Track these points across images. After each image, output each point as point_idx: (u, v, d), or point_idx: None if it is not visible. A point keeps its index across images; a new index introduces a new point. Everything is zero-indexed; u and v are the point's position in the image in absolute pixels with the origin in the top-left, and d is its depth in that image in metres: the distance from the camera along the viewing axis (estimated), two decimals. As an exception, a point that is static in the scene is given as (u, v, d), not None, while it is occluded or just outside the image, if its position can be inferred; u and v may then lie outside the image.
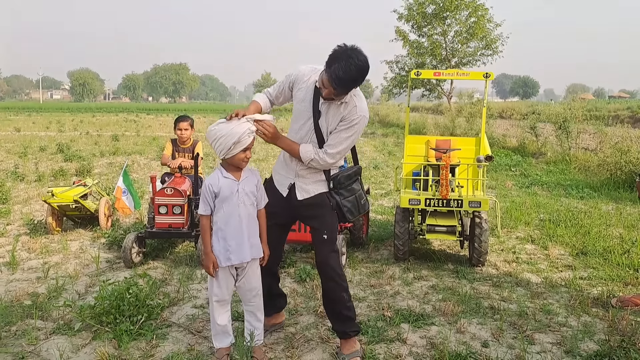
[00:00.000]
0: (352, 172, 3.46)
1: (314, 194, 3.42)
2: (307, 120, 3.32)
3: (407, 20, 27.59)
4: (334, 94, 3.12)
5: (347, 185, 3.43)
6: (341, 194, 3.41)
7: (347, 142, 3.28)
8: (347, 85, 3.04)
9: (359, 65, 2.98)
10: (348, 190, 3.44)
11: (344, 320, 3.49)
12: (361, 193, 3.52)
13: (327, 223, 3.44)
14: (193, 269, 5.24)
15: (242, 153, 3.21)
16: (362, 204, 3.51)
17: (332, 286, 3.46)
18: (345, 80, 2.99)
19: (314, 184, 3.41)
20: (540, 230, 6.93)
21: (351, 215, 3.45)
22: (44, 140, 19.96)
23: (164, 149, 6.13)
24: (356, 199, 3.47)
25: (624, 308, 4.26)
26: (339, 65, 2.95)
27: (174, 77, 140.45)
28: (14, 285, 4.77)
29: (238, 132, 3.13)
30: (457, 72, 6.11)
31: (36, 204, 8.25)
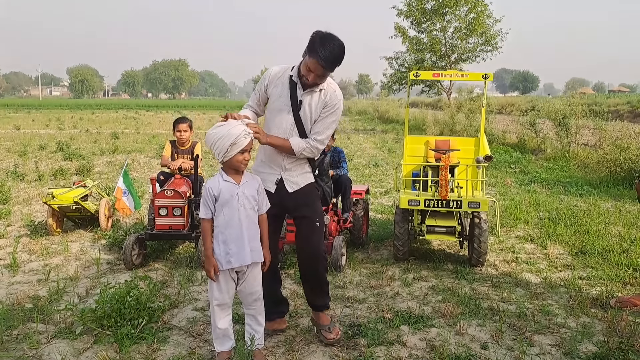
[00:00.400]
0: (327, 159, 3.96)
1: (303, 184, 3.62)
2: (287, 113, 3.52)
3: (407, 16, 27.50)
4: (320, 76, 3.36)
5: (327, 172, 3.92)
6: (323, 180, 3.90)
7: (332, 126, 3.55)
8: (334, 63, 3.32)
9: (340, 45, 3.31)
10: (327, 176, 3.96)
11: (324, 295, 3.82)
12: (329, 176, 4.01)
13: (318, 211, 3.71)
14: (193, 270, 5.26)
15: (240, 155, 3.23)
16: (332, 189, 4.05)
17: (320, 270, 3.72)
18: (332, 59, 3.29)
19: (301, 176, 3.61)
20: (539, 229, 6.95)
21: (329, 199, 4.03)
22: (44, 139, 19.95)
23: (164, 150, 6.14)
24: (332, 183, 4.04)
25: (622, 309, 4.28)
26: (324, 48, 3.25)
27: (173, 74, 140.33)
28: (15, 288, 4.79)
29: (234, 133, 3.17)
30: (456, 73, 6.12)
31: (36, 204, 8.27)
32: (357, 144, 19.41)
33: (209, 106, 70.80)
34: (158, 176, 6.08)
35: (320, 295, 3.82)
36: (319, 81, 3.41)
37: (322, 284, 3.79)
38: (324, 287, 3.81)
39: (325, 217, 5.18)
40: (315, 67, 3.31)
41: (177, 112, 51.82)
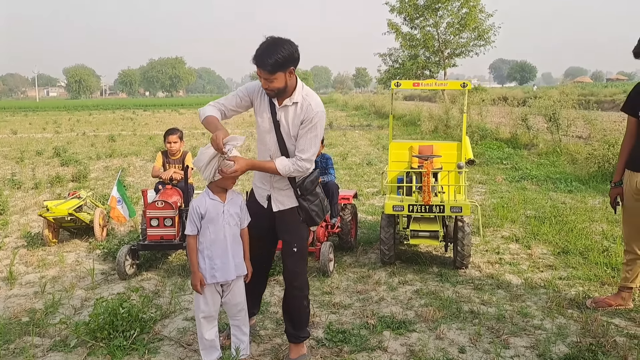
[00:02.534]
0: (314, 177, 3.58)
1: (288, 207, 3.61)
2: (270, 132, 3.51)
3: (399, 12, 27.60)
4: (266, 80, 3.27)
5: (312, 190, 3.58)
6: (308, 200, 3.57)
7: (315, 141, 3.44)
8: (263, 59, 3.20)
9: (268, 41, 3.25)
10: (313, 195, 3.59)
11: (301, 326, 3.73)
12: (323, 196, 3.71)
13: (297, 236, 3.65)
14: (185, 279, 5.42)
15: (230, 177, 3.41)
16: (325, 206, 3.69)
17: (297, 294, 3.68)
18: (259, 54, 3.22)
19: (288, 198, 3.58)
20: (525, 228, 7.10)
21: (319, 219, 3.64)
22: (41, 143, 20.10)
23: (155, 161, 6.28)
24: (321, 202, 3.65)
25: (597, 309, 4.43)
26: (256, 50, 3.25)
27: (170, 71, 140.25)
28: (12, 302, 4.95)
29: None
30: (435, 82, 6.26)
31: (33, 214, 8.41)
32: (353, 141, 19.54)
33: (206, 103, 70.60)
34: (156, 186, 6.24)
35: (292, 322, 3.72)
36: (271, 87, 3.29)
37: (296, 310, 3.70)
38: (295, 313, 3.70)
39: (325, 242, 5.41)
40: (258, 72, 3.26)
41: (174, 111, 51.97)
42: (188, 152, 6.33)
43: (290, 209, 3.61)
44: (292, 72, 3.33)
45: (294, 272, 3.65)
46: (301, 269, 3.68)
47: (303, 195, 3.55)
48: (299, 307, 3.71)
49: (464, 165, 5.66)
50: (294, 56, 3.28)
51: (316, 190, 3.62)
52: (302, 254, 3.67)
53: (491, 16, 26.74)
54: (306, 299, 3.73)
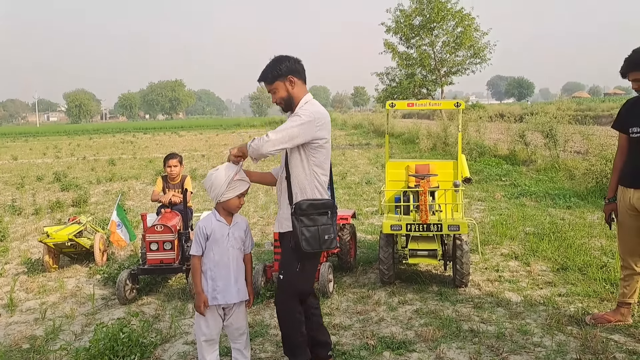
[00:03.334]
0: (319, 202, 3.45)
1: (284, 230, 3.55)
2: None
3: (395, 32, 27.94)
4: (268, 91, 3.57)
5: (310, 213, 3.39)
6: (301, 221, 3.37)
7: (287, 131, 3.33)
8: (264, 73, 3.53)
9: (271, 60, 3.54)
10: (310, 219, 3.38)
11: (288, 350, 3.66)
12: (328, 228, 3.45)
13: (285, 263, 3.57)
14: (185, 302, 5.43)
15: (237, 199, 3.48)
16: (325, 239, 3.42)
17: (281, 320, 3.63)
18: (262, 72, 3.54)
19: (286, 219, 3.52)
20: (524, 245, 7.11)
21: (308, 246, 3.36)
22: (41, 169, 20.19)
23: (155, 186, 6.33)
24: (318, 231, 3.39)
25: (597, 325, 4.44)
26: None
27: (170, 94, 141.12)
28: (12, 329, 4.95)
29: (229, 170, 3.45)
30: (429, 102, 6.34)
31: (33, 240, 8.44)
32: (352, 160, 19.63)
33: (206, 125, 71.25)
34: (158, 210, 6.29)
35: (285, 347, 3.68)
36: (276, 97, 3.54)
37: (285, 336, 3.63)
38: (286, 341, 3.64)
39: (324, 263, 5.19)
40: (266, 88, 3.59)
41: (174, 133, 52.23)
42: (187, 175, 6.39)
43: (287, 232, 3.54)
44: (293, 82, 3.49)
45: (276, 300, 3.64)
46: (281, 301, 3.57)
47: (296, 214, 3.40)
48: (284, 333, 3.64)
49: (461, 183, 5.70)
50: (292, 66, 3.49)
51: (316, 217, 3.41)
52: (286, 286, 3.53)
53: (486, 34, 27.07)
54: (287, 338, 3.62)
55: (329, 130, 3.55)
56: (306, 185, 3.46)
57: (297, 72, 3.51)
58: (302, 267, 3.49)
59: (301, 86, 3.55)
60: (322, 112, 3.51)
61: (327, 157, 3.57)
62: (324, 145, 3.49)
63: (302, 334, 3.59)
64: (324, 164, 3.53)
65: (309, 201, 3.41)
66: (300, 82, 3.54)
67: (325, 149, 3.51)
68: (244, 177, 3.49)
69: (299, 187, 3.45)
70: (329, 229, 3.47)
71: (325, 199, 3.52)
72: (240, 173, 3.47)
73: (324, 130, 3.47)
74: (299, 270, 3.49)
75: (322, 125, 3.45)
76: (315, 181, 3.49)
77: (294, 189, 3.46)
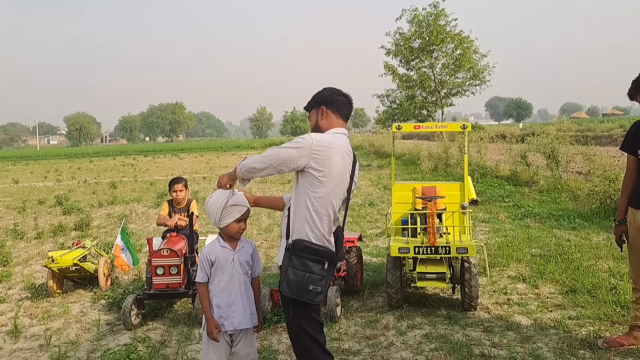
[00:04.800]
0: (316, 248, 3.10)
1: (280, 263, 3.27)
2: None
3: (395, 55, 28.22)
4: (308, 118, 3.54)
5: (303, 256, 3.07)
6: (291, 260, 3.08)
7: (277, 152, 3.12)
8: (307, 103, 3.49)
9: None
10: (301, 263, 3.06)
11: None
12: (318, 280, 3.08)
13: (282, 306, 3.34)
14: (191, 328, 5.36)
15: (236, 224, 3.45)
16: (309, 290, 3.05)
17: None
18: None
19: (282, 252, 3.29)
20: (531, 267, 7.06)
21: (287, 289, 3.07)
22: (42, 192, 20.17)
23: (161, 210, 6.31)
24: (305, 278, 3.05)
25: (610, 349, 4.38)
26: None
27: (170, 117, 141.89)
28: (17, 356, 4.89)
29: (223, 196, 3.40)
30: (436, 125, 6.36)
31: (37, 265, 8.39)
32: (353, 182, 19.57)
33: (206, 148, 71.46)
34: (164, 234, 6.26)
35: None
36: (310, 124, 3.48)
37: None
38: None
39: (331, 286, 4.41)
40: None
41: (174, 156, 52.34)
42: (193, 199, 6.37)
43: (281, 266, 3.26)
44: (325, 113, 3.35)
45: (294, 347, 3.36)
46: (297, 346, 3.28)
47: (289, 250, 3.13)
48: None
49: (468, 205, 5.69)
50: (329, 97, 3.39)
51: (308, 263, 3.06)
52: (293, 330, 3.26)
53: (485, 56, 27.32)
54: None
55: (337, 167, 3.17)
56: (302, 222, 3.14)
57: (332, 104, 3.35)
58: (295, 312, 3.18)
59: (334, 119, 3.36)
60: (335, 143, 3.19)
61: (330, 195, 3.16)
62: (320, 180, 3.11)
63: None
64: (323, 202, 3.14)
65: (305, 242, 3.09)
66: (333, 115, 3.36)
67: (323, 183, 3.12)
68: (238, 202, 3.40)
69: (295, 222, 3.17)
70: (319, 280, 3.08)
71: (324, 247, 3.13)
72: (235, 197, 3.39)
73: (320, 161, 3.10)
74: (294, 315, 3.19)
75: (320, 154, 3.10)
76: (310, 220, 3.12)
77: (291, 222, 3.20)
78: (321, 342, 3.23)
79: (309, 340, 3.18)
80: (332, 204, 3.18)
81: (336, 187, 3.19)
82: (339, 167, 3.19)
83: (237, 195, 3.44)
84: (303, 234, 3.13)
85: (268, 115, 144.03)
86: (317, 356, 3.20)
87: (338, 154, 3.18)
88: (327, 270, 3.13)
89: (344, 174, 3.23)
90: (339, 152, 3.20)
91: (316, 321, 3.24)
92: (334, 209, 3.20)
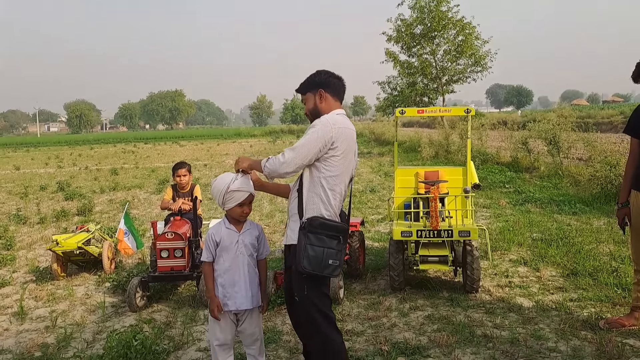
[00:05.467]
0: (332, 224, 3.21)
1: (290, 243, 3.34)
2: None
3: (397, 41, 28.08)
4: (302, 100, 3.53)
5: (320, 233, 3.16)
6: (308, 238, 3.15)
7: (304, 147, 3.18)
8: (301, 84, 3.51)
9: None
10: (318, 239, 3.14)
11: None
12: (335, 254, 3.18)
13: (294, 284, 3.31)
14: (196, 310, 5.41)
15: (239, 208, 3.47)
16: (328, 264, 3.15)
17: (310, 345, 3.41)
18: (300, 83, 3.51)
19: (293, 232, 3.31)
20: (532, 251, 7.10)
21: (308, 266, 3.11)
22: (44, 178, 20.20)
23: (164, 194, 6.34)
24: (324, 253, 3.14)
25: (611, 330, 4.42)
26: None
27: (170, 104, 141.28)
28: (23, 337, 4.94)
29: (225, 180, 3.43)
30: (439, 109, 6.36)
31: (40, 249, 8.43)
32: (354, 169, 19.60)
33: (206, 135, 71.34)
34: (167, 218, 6.29)
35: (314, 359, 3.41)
36: (306, 108, 3.49)
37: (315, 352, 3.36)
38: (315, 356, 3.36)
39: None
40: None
41: (175, 143, 52.32)
42: (196, 184, 6.40)
43: (290, 246, 3.34)
44: (323, 96, 3.40)
45: (296, 322, 3.45)
46: (304, 323, 3.34)
47: (304, 229, 3.18)
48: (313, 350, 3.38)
49: (470, 189, 5.71)
50: (326, 80, 3.43)
51: (324, 239, 3.16)
52: (305, 308, 3.27)
53: (487, 43, 27.17)
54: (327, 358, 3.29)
55: (348, 145, 3.30)
56: (317, 201, 3.24)
57: (329, 87, 3.41)
58: (309, 289, 3.23)
59: (332, 102, 3.42)
60: (344, 122, 3.33)
61: (342, 173, 3.30)
62: (336, 159, 3.24)
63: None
64: (337, 180, 3.27)
65: (321, 219, 3.19)
66: (331, 98, 3.41)
67: (339, 162, 3.25)
68: (241, 187, 3.40)
69: (309, 201, 3.25)
70: (336, 254, 3.19)
71: (339, 223, 3.27)
72: (237, 182, 3.41)
73: (338, 141, 3.22)
74: (308, 293, 3.23)
75: (337, 135, 3.22)
76: (325, 198, 3.25)
77: (304, 203, 3.27)
78: (332, 319, 3.32)
79: (321, 317, 3.26)
80: (345, 182, 3.35)
81: (348, 165, 3.36)
82: (351, 146, 3.36)
83: (240, 180, 3.43)
84: (317, 212, 3.23)
85: (268, 103, 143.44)
86: (329, 333, 3.28)
87: (350, 133, 3.35)
88: (342, 245, 3.25)
89: (354, 152, 3.42)
90: (350, 131, 3.36)
91: (327, 297, 3.34)
92: (345, 186, 3.37)
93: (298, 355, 4.30)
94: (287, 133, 67.75)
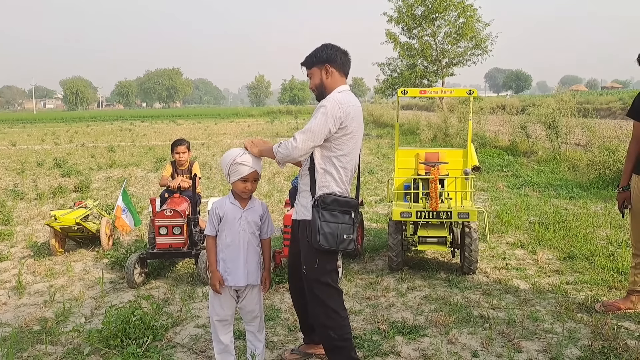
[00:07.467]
0: (344, 200, 3.30)
1: (301, 218, 3.43)
2: None
3: (397, 22, 27.87)
4: (307, 75, 3.54)
5: (333, 209, 3.24)
6: (322, 215, 3.23)
7: (314, 129, 3.22)
8: (306, 59, 3.52)
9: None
10: (332, 215, 3.24)
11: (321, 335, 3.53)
12: (348, 228, 3.28)
13: (305, 258, 3.39)
14: (194, 287, 5.43)
15: (242, 183, 3.46)
16: (343, 239, 3.25)
17: (317, 325, 3.51)
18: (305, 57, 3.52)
19: (305, 208, 3.39)
20: (529, 234, 7.14)
21: (325, 242, 3.20)
22: (41, 154, 20.11)
23: (164, 171, 6.32)
24: (338, 228, 3.24)
25: (607, 313, 4.46)
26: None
27: (167, 83, 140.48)
28: (22, 311, 4.95)
29: (233, 154, 3.44)
30: (441, 89, 6.34)
31: (38, 224, 8.42)
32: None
33: (203, 114, 71.00)
34: (162, 194, 6.27)
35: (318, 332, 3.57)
36: (311, 83, 3.49)
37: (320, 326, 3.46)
38: (321, 330, 3.47)
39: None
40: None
41: (172, 122, 52.07)
42: (195, 161, 6.37)
43: (301, 221, 3.43)
44: (330, 71, 3.42)
45: (310, 299, 3.44)
46: (315, 297, 3.38)
47: (318, 206, 3.25)
48: (324, 340, 3.50)
49: (471, 171, 5.71)
50: (332, 55, 3.42)
51: (338, 214, 3.25)
52: (313, 280, 3.35)
53: (488, 25, 27.01)
54: (331, 332, 3.37)
55: (357, 122, 3.37)
56: (328, 179, 3.32)
57: (336, 62, 3.41)
58: (320, 263, 3.33)
59: (338, 77, 3.44)
60: (350, 100, 3.36)
61: (353, 150, 3.39)
62: (347, 137, 3.31)
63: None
64: (348, 158, 3.36)
65: (333, 196, 3.27)
66: (337, 74, 3.43)
67: (349, 141, 3.33)
68: (245, 162, 3.41)
69: (321, 179, 3.32)
70: (349, 229, 3.28)
71: (350, 198, 3.36)
72: (243, 157, 3.42)
73: (347, 120, 3.28)
74: (318, 267, 3.33)
75: (345, 114, 3.27)
76: (337, 176, 3.34)
77: (317, 180, 3.33)
78: (340, 293, 3.47)
79: (329, 290, 3.37)
80: (355, 159, 3.46)
81: (357, 141, 3.44)
82: (359, 124, 3.43)
83: (248, 155, 3.45)
84: (330, 189, 3.33)
85: (266, 83, 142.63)
86: (335, 307, 3.37)
87: (357, 110, 3.40)
88: (354, 219, 3.33)
89: (362, 129, 3.50)
90: (357, 109, 3.41)
91: (336, 271, 3.46)
92: (355, 163, 3.47)
93: (296, 332, 4.33)
94: (285, 114, 67.50)
